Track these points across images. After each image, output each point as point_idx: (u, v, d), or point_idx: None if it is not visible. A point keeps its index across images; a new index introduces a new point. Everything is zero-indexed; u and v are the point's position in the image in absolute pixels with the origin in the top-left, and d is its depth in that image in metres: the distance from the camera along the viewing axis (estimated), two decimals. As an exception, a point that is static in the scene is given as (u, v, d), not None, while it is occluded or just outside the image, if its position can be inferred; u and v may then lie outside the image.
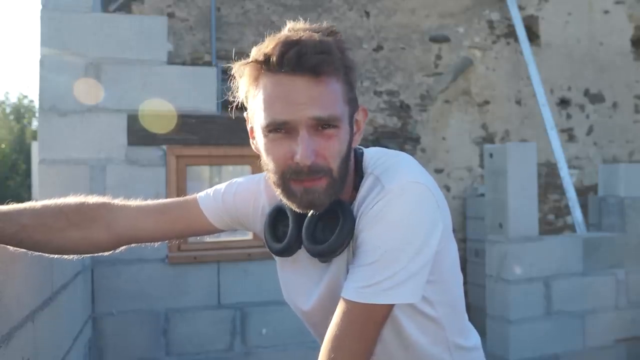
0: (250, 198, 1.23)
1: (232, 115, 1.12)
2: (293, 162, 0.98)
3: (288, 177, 1.00)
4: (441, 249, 1.01)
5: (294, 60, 0.94)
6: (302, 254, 1.12)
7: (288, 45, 0.95)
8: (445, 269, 1.07)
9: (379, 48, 5.85)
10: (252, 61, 1.00)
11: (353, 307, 0.96)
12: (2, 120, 16.85)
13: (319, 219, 1.06)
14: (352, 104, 1.03)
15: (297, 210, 1.04)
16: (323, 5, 5.67)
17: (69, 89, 3.27)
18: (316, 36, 0.97)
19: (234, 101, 1.07)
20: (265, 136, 1.00)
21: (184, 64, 5.16)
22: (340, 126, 0.99)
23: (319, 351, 1.01)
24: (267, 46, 0.98)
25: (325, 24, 1.03)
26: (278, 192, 1.03)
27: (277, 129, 0.98)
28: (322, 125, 0.97)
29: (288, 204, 1.04)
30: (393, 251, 0.96)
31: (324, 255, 1.05)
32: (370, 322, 0.97)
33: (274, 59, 0.96)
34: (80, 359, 2.63)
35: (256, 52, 1.00)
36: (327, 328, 1.01)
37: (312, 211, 1.05)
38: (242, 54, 1.09)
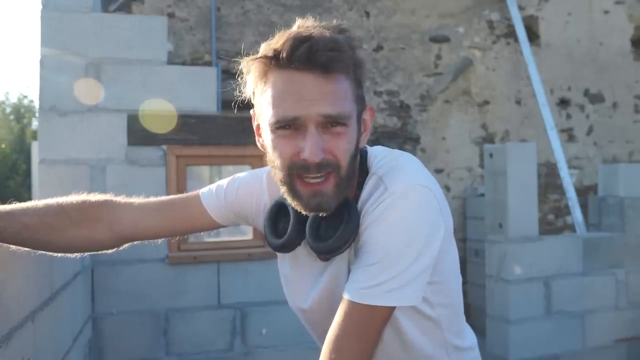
0: (253, 194, 1.23)
1: (235, 111, 1.11)
2: (300, 159, 0.97)
3: (295, 174, 0.99)
4: (442, 250, 1.01)
5: (304, 56, 0.93)
6: (301, 251, 1.12)
7: (299, 41, 0.94)
8: (446, 270, 1.07)
9: (379, 48, 5.85)
10: (261, 57, 0.98)
11: (354, 308, 0.96)
12: (2, 120, 16.85)
13: (324, 217, 1.05)
14: (360, 102, 1.03)
15: (304, 212, 1.03)
16: (323, 5, 5.67)
17: (69, 89, 3.27)
18: (327, 33, 0.97)
19: (240, 97, 1.06)
20: (273, 132, 0.99)
21: (184, 64, 5.16)
22: (349, 124, 0.98)
23: (319, 351, 1.01)
24: (276, 42, 0.96)
25: (335, 22, 1.02)
26: (283, 190, 1.03)
27: (285, 125, 0.97)
28: (331, 122, 0.97)
29: (293, 204, 1.03)
30: (395, 253, 0.95)
31: (328, 253, 1.05)
32: (371, 323, 0.97)
33: (284, 54, 0.94)
34: (80, 359, 2.63)
35: (265, 48, 0.98)
36: (325, 328, 1.01)
37: (320, 214, 1.03)
38: (243, 54, 1.07)
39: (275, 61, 0.96)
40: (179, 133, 3.40)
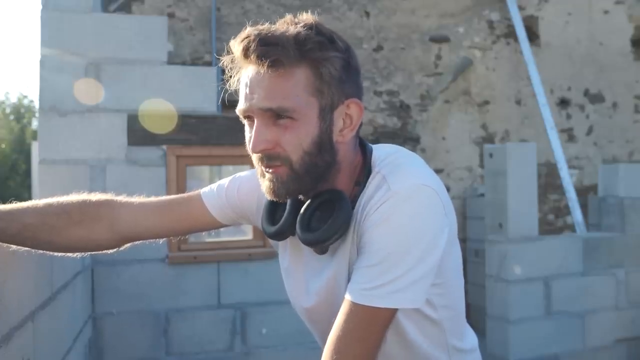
0: (254, 192, 1.22)
1: (235, 110, 1.12)
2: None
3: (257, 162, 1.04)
4: (446, 252, 1.00)
5: (251, 51, 0.96)
6: (301, 245, 1.11)
7: (248, 37, 0.97)
8: (449, 272, 1.05)
9: (379, 48, 5.85)
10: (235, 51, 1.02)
11: (356, 309, 0.95)
12: (2, 120, 16.87)
13: (317, 208, 1.05)
14: (325, 96, 1.00)
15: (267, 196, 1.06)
16: (323, 5, 5.67)
17: (69, 89, 3.27)
18: (278, 28, 0.98)
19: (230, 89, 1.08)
20: (243, 120, 1.05)
21: (184, 64, 5.16)
22: (298, 118, 0.98)
23: (320, 351, 1.00)
24: (238, 37, 1.01)
25: (306, 16, 1.04)
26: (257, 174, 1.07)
27: (245, 116, 1.02)
28: (276, 115, 0.98)
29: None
30: (397, 254, 0.95)
31: (314, 244, 1.04)
32: (373, 325, 0.96)
33: (240, 49, 0.99)
34: (80, 359, 2.63)
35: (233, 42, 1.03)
36: (325, 327, 1.00)
37: (275, 200, 1.05)
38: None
39: (241, 55, 1.00)
40: (179, 133, 3.40)
